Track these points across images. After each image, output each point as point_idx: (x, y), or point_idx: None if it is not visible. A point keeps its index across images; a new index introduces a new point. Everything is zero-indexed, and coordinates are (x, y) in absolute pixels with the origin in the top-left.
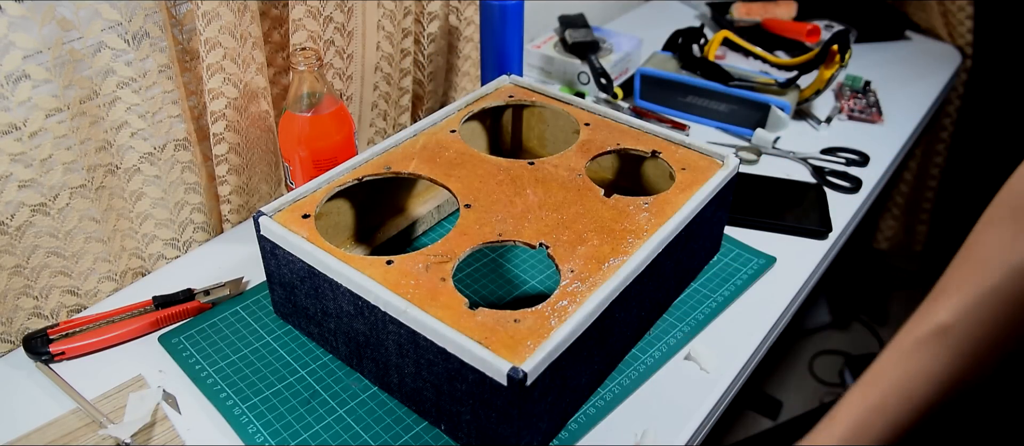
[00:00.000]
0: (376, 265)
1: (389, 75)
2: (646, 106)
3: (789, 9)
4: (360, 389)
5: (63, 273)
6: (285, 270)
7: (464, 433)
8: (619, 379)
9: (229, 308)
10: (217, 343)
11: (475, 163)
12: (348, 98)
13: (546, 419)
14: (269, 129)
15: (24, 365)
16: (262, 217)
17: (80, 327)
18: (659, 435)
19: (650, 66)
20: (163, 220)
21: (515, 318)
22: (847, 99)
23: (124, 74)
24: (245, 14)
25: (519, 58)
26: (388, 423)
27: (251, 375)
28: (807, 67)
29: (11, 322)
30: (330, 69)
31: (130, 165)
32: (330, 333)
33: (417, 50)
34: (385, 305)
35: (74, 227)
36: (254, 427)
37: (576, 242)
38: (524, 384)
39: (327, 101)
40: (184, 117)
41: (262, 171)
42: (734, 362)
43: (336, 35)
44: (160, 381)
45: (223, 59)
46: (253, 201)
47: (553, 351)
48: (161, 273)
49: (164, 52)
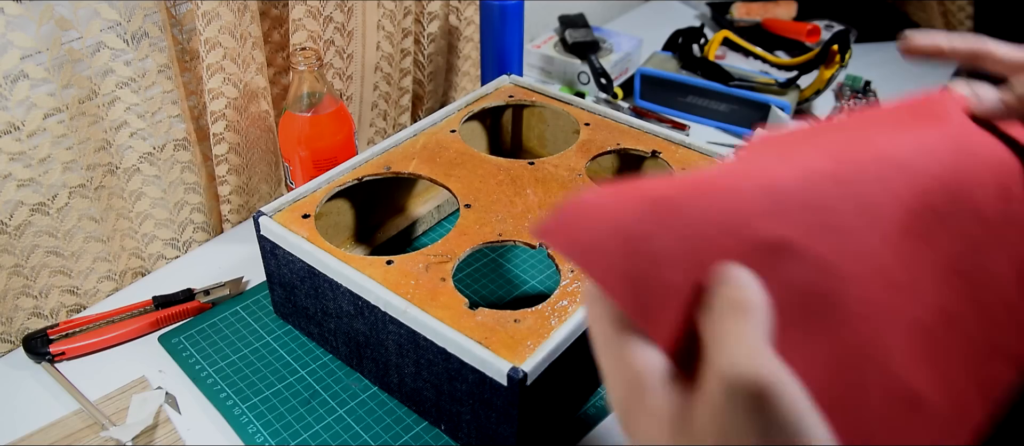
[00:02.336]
0: (376, 265)
1: (389, 75)
2: (646, 106)
3: (789, 9)
4: (360, 389)
5: (62, 273)
6: (285, 270)
7: (464, 433)
8: None
9: (229, 308)
10: (217, 343)
11: (475, 163)
12: (348, 98)
13: (546, 419)
14: (269, 129)
15: (24, 365)
16: (262, 217)
17: (80, 327)
18: None
19: (650, 66)
20: (163, 220)
21: (515, 318)
22: (847, 99)
23: (123, 74)
24: (245, 14)
25: (519, 58)
26: (388, 423)
27: (251, 375)
28: (807, 67)
29: (11, 322)
30: (330, 69)
31: (129, 165)
32: (330, 333)
33: (417, 50)
34: (385, 305)
35: (73, 227)
36: (254, 427)
37: None
38: (524, 384)
39: (327, 101)
40: (184, 117)
41: (262, 171)
42: None
43: (336, 35)
44: (160, 381)
45: (223, 59)
46: (253, 201)
47: (553, 351)
48: (161, 273)
49: (163, 52)
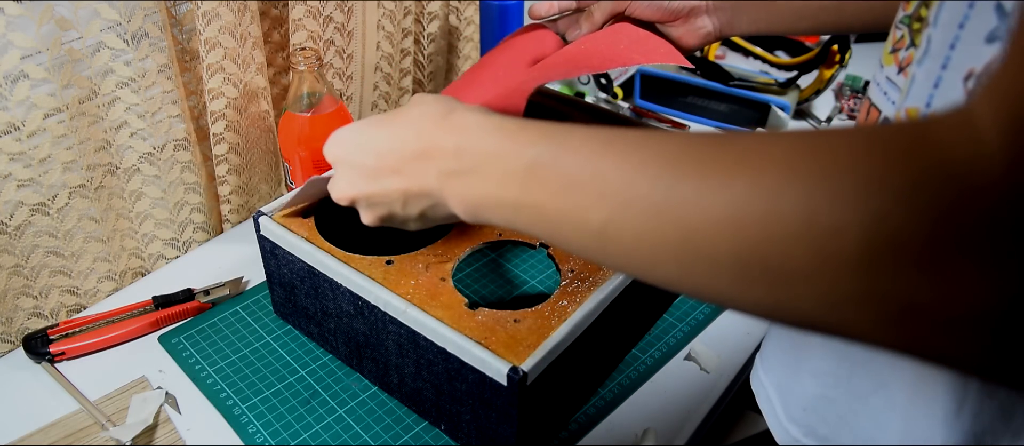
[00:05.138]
0: (376, 265)
1: (389, 75)
2: (646, 106)
3: None
4: (360, 389)
5: (62, 273)
6: (285, 270)
7: (464, 433)
8: (619, 379)
9: (229, 308)
10: (217, 343)
11: None
12: (348, 98)
13: (546, 419)
14: (269, 129)
15: (24, 365)
16: (262, 217)
17: (80, 327)
18: (659, 435)
19: (650, 66)
20: (163, 220)
21: (515, 318)
22: (847, 99)
23: (123, 74)
24: (245, 14)
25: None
26: (388, 423)
27: (251, 375)
28: (807, 67)
29: (11, 322)
30: (330, 69)
31: (129, 165)
32: (330, 333)
33: (417, 50)
34: (385, 305)
35: (73, 227)
36: (254, 427)
37: None
38: (524, 384)
39: (327, 101)
40: (184, 117)
41: (262, 171)
42: (734, 362)
43: (336, 35)
44: (160, 381)
45: (223, 59)
46: (253, 201)
47: (553, 351)
48: (161, 273)
49: (164, 52)
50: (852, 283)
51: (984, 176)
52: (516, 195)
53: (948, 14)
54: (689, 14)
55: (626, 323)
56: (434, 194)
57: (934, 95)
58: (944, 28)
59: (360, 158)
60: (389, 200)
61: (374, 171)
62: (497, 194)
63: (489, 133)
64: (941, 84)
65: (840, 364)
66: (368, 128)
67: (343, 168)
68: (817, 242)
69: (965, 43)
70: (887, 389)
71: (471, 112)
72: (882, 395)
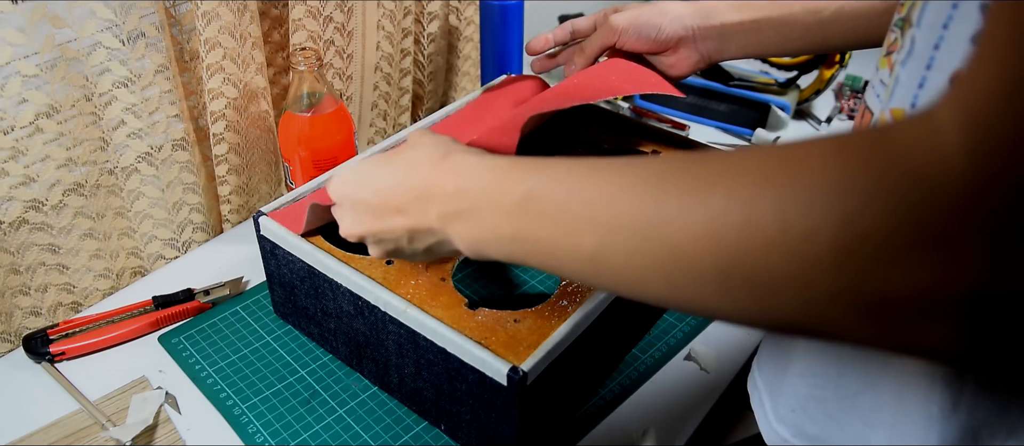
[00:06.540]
0: (376, 265)
1: (389, 75)
2: (646, 106)
3: None
4: (360, 389)
5: (59, 271)
6: (285, 270)
7: (464, 433)
8: (619, 379)
9: (229, 308)
10: (217, 343)
11: None
12: (348, 98)
13: (546, 419)
14: (269, 129)
15: (24, 365)
16: (262, 217)
17: (80, 327)
18: (659, 435)
19: None
20: (162, 220)
21: (515, 318)
22: (847, 99)
23: (120, 73)
24: (245, 14)
25: (519, 58)
26: (388, 423)
27: (251, 375)
28: (807, 67)
29: (9, 320)
30: (330, 69)
31: (127, 164)
32: (330, 333)
33: (417, 50)
34: (385, 305)
35: (70, 225)
36: (254, 427)
37: None
38: (524, 384)
39: (327, 101)
40: (182, 117)
41: (262, 171)
42: (734, 362)
43: (336, 35)
44: (160, 381)
45: (223, 59)
46: (253, 201)
47: (553, 351)
48: (161, 273)
49: (161, 52)
50: (827, 282)
51: (946, 174)
52: (512, 229)
53: (932, 15)
54: (677, 44)
55: (626, 323)
56: (437, 232)
57: (919, 95)
58: (928, 28)
59: (363, 196)
60: (395, 236)
61: (377, 209)
62: (495, 230)
63: (484, 171)
64: (926, 84)
65: (828, 364)
66: (369, 167)
67: (347, 206)
68: (793, 247)
69: (949, 43)
70: (876, 388)
71: (467, 154)
72: (871, 394)
